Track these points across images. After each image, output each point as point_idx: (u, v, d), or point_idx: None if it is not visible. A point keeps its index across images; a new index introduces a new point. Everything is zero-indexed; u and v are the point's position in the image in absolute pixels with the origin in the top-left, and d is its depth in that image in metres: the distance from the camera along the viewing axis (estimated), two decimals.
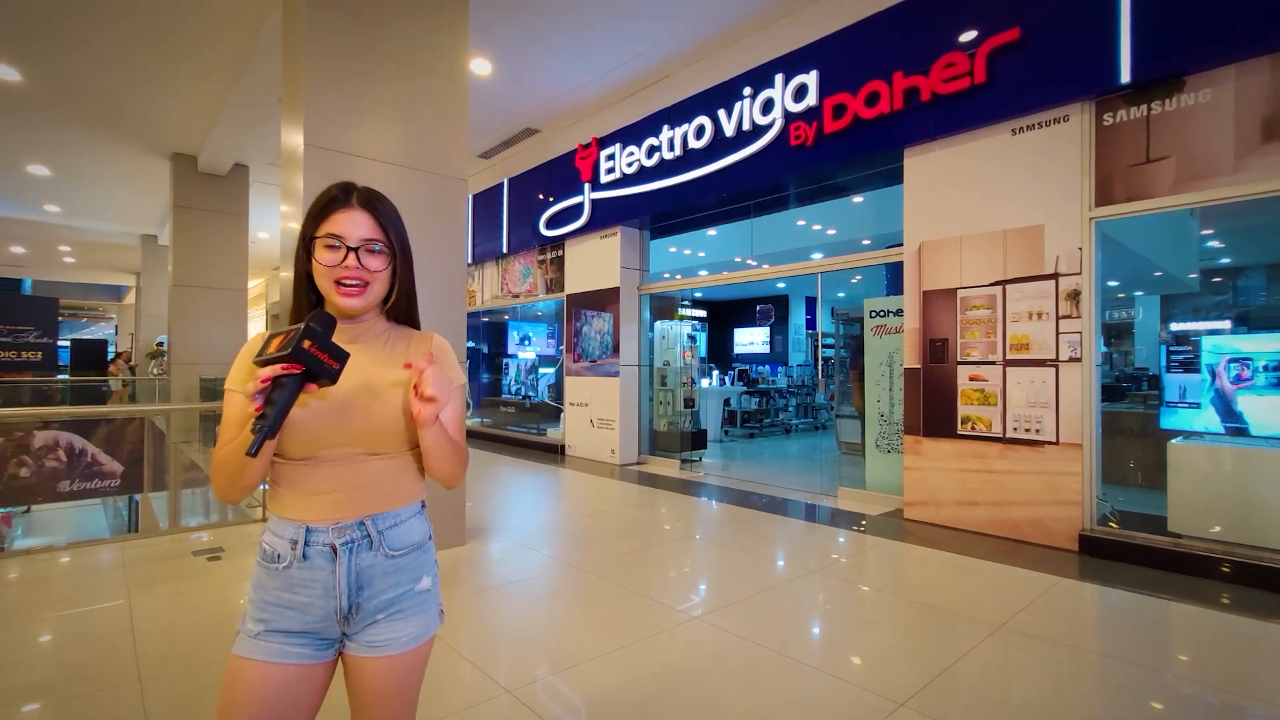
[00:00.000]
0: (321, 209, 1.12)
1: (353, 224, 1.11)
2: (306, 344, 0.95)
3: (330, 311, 1.13)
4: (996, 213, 4.29)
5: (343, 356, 1.00)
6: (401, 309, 1.23)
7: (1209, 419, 3.82)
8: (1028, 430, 4.10)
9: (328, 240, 1.10)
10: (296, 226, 3.54)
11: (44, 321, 8.86)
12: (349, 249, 1.10)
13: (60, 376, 9.91)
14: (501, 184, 9.07)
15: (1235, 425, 3.74)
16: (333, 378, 0.99)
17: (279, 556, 1.09)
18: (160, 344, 13.05)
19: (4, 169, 9.44)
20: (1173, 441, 3.83)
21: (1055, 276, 4.01)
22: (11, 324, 8.54)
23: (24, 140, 8.23)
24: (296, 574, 1.08)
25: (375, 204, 1.15)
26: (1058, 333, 3.99)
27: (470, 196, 9.67)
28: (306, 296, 1.15)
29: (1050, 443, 4.01)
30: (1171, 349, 4.06)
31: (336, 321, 1.04)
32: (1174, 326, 5.90)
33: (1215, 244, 5.56)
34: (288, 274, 3.77)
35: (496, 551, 3.96)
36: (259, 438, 0.92)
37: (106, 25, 5.46)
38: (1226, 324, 5.69)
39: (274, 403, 0.94)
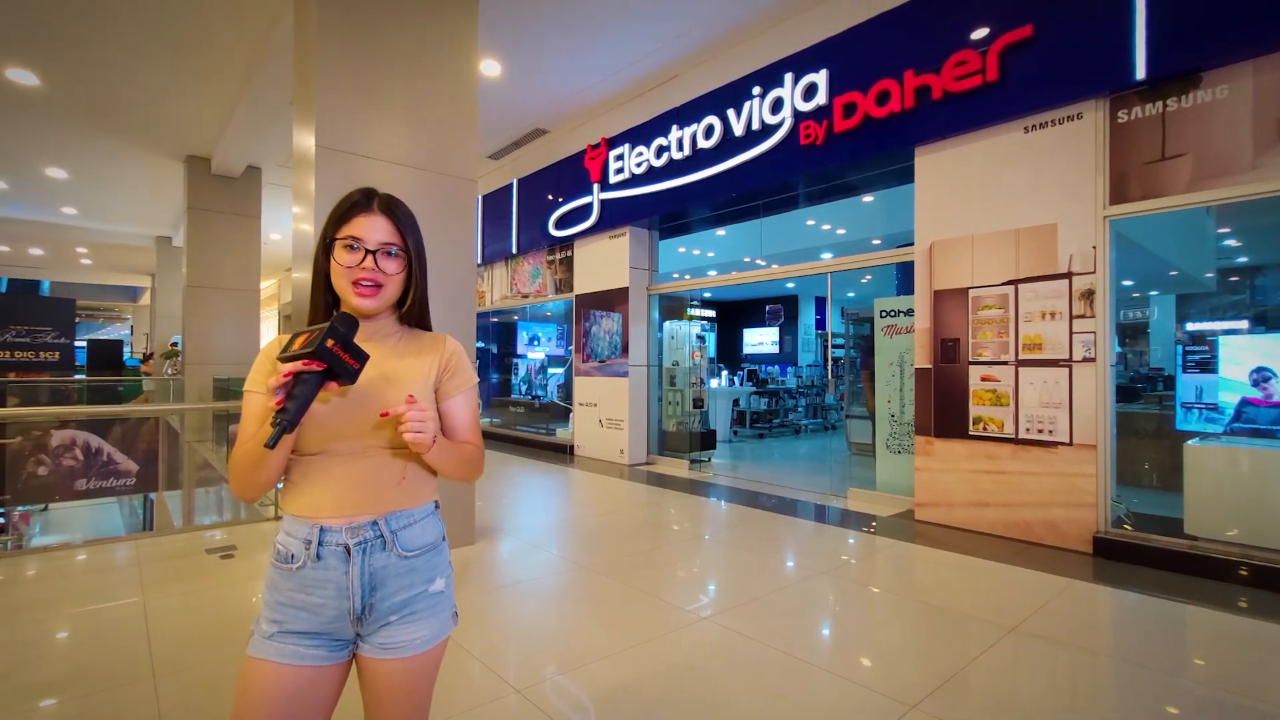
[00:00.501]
0: (344, 213, 1.16)
1: (372, 228, 1.15)
2: (330, 343, 0.99)
3: (347, 311, 1.15)
4: (1008, 211, 4.25)
5: (363, 357, 1.04)
6: (414, 314, 1.26)
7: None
8: (1040, 431, 4.06)
9: (347, 242, 1.14)
10: (308, 228, 3.59)
11: (61, 322, 8.97)
12: (367, 251, 1.14)
13: (77, 376, 10.05)
14: (511, 184, 9.10)
15: (1254, 426, 3.69)
16: (352, 377, 1.03)
17: (292, 557, 1.10)
18: (175, 344, 13.20)
19: (23, 172, 9.59)
20: (1189, 443, 3.78)
21: (1069, 276, 3.96)
22: (30, 325, 8.66)
23: (42, 143, 8.36)
24: (310, 575, 1.09)
25: (394, 210, 1.19)
26: (1071, 332, 3.95)
27: (480, 197, 9.71)
28: (324, 295, 1.19)
29: (1064, 444, 3.97)
30: (1188, 349, 4.01)
31: (359, 323, 1.07)
32: (1190, 326, 5.82)
33: (1232, 242, 5.47)
34: (299, 275, 3.80)
35: (506, 551, 3.97)
36: (278, 431, 0.95)
37: (122, 30, 5.53)
38: (1244, 324, 5.60)
39: (294, 398, 0.98)
